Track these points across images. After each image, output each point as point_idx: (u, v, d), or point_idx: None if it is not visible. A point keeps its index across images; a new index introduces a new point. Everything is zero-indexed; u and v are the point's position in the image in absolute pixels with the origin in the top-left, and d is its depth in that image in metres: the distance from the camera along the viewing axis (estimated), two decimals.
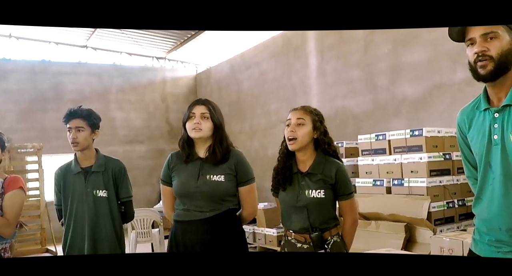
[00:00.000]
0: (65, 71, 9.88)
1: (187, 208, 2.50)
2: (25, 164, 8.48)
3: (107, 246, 2.82)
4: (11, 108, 9.27)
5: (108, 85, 10.23)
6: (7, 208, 2.71)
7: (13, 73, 9.43)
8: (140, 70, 10.72)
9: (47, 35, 9.84)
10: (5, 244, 2.73)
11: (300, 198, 2.41)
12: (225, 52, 9.99)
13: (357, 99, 6.57)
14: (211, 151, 2.51)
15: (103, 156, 2.94)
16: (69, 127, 2.81)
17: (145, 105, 10.53)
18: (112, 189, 2.87)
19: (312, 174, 2.42)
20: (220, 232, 2.47)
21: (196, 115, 2.50)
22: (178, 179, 2.55)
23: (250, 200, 2.59)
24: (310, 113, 2.46)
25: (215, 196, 2.48)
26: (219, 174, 2.49)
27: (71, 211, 2.84)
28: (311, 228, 2.39)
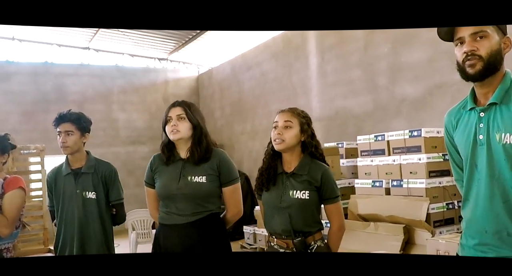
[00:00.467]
0: (68, 72, 9.91)
1: (169, 211, 2.49)
2: (28, 165, 8.52)
3: (95, 247, 2.82)
4: (14, 109, 9.32)
5: (110, 86, 10.25)
6: (6, 207, 2.75)
7: (16, 75, 9.48)
8: (142, 71, 10.73)
9: (50, 37, 9.87)
10: (7, 244, 2.78)
11: (284, 198, 2.37)
12: (227, 52, 9.98)
13: (358, 99, 6.54)
14: (191, 151, 2.50)
15: (93, 158, 2.95)
16: (59, 131, 2.83)
17: (147, 106, 10.54)
18: (101, 191, 2.88)
19: (297, 174, 2.38)
20: (203, 237, 2.45)
21: (173, 117, 2.51)
22: (160, 181, 2.55)
23: (234, 200, 2.58)
24: (298, 116, 2.42)
25: (197, 197, 2.46)
26: (200, 175, 2.48)
27: (62, 212, 2.86)
28: (293, 232, 2.34)
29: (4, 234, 2.75)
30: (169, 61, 11.17)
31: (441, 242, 3.71)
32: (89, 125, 2.93)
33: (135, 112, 10.40)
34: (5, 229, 2.74)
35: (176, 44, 10.28)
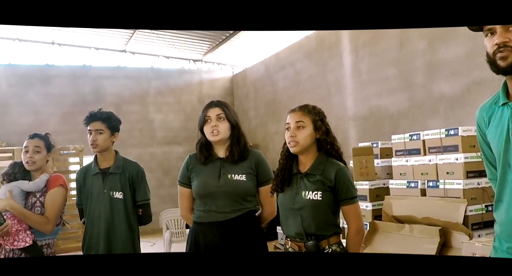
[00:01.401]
0: (105, 75, 10.13)
1: (208, 209, 2.49)
2: (67, 165, 8.75)
3: (121, 247, 2.85)
4: (54, 111, 9.59)
5: (146, 88, 10.41)
6: (48, 205, 2.84)
7: (56, 78, 9.75)
8: (177, 73, 10.85)
9: (88, 41, 10.11)
10: (47, 240, 2.86)
11: (297, 199, 2.29)
12: (260, 52, 9.97)
13: (393, 98, 6.39)
14: (231, 151, 2.51)
15: (122, 158, 2.99)
16: (89, 129, 2.89)
17: (183, 107, 10.65)
18: (128, 191, 2.91)
19: (311, 174, 2.29)
20: (242, 234, 2.45)
21: (212, 117, 2.51)
22: (199, 179, 2.54)
23: (270, 200, 2.57)
24: (309, 114, 2.33)
25: (236, 195, 2.47)
26: (240, 173, 2.49)
27: (90, 211, 2.91)
28: (305, 235, 2.25)
29: (47, 231, 2.83)
30: (204, 62, 11.25)
31: (477, 245, 3.56)
32: (119, 124, 2.98)
33: (171, 113, 10.53)
34: (48, 225, 2.82)
35: (210, 45, 10.35)
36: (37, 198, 2.85)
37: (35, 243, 2.78)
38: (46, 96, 9.59)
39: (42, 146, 2.89)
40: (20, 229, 2.75)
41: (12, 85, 9.40)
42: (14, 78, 9.44)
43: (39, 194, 2.86)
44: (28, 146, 2.86)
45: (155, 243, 7.53)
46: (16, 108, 9.35)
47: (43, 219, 2.81)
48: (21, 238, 2.74)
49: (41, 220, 2.80)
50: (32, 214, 2.80)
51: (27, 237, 2.76)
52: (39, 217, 2.81)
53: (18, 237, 2.74)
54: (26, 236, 2.76)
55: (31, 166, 2.86)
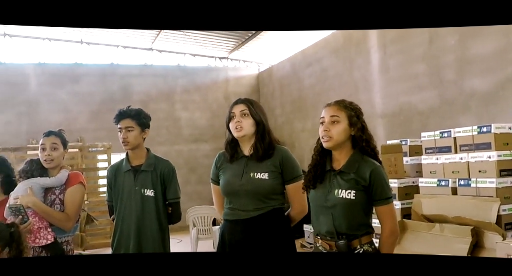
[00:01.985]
0: (133, 73, 10.23)
1: (232, 207, 2.51)
2: (96, 162, 8.88)
3: (151, 245, 2.85)
4: (83, 109, 9.74)
5: (173, 85, 10.48)
6: (68, 202, 2.84)
7: (85, 77, 9.90)
8: (204, 70, 10.89)
9: (115, 40, 10.23)
10: (67, 237, 2.86)
11: (329, 197, 2.23)
12: (286, 49, 9.91)
13: (422, 95, 6.26)
14: (255, 148, 2.49)
15: (153, 156, 2.98)
16: (120, 127, 2.89)
17: (209, 105, 10.68)
18: (159, 189, 2.90)
19: (345, 172, 2.23)
20: (266, 232, 2.43)
21: (236, 114, 2.51)
22: (224, 177, 2.56)
23: (298, 198, 2.52)
24: (345, 109, 2.25)
25: (258, 194, 2.45)
26: (263, 171, 2.46)
27: (120, 208, 2.91)
28: (336, 234, 2.19)
29: (68, 228, 2.84)
30: (230, 59, 11.26)
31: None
32: (149, 120, 2.97)
33: (197, 110, 10.57)
34: (68, 223, 2.82)
35: (236, 43, 10.34)
36: (56, 195, 2.85)
37: (56, 240, 2.78)
38: (75, 95, 9.74)
39: (58, 143, 2.88)
40: (41, 226, 2.75)
41: (42, 84, 9.57)
42: (44, 77, 9.62)
43: (58, 192, 2.85)
44: (45, 144, 2.84)
45: (182, 240, 7.56)
46: (46, 106, 9.53)
47: (64, 216, 2.80)
48: (42, 236, 2.74)
49: (62, 217, 2.79)
50: (54, 211, 2.80)
51: (48, 235, 2.75)
52: (60, 214, 2.81)
53: (40, 235, 2.73)
54: (47, 233, 2.75)
55: (49, 163, 2.84)
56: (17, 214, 2.69)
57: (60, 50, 10.11)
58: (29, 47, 9.90)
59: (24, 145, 8.72)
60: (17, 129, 9.28)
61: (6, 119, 9.24)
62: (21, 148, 8.11)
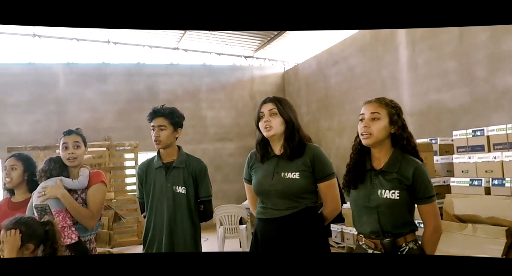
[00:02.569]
0: (158, 72, 10.30)
1: (265, 206, 2.50)
2: (123, 161, 8.98)
3: (183, 242, 2.84)
4: (110, 108, 9.85)
5: (198, 84, 10.51)
6: (91, 201, 2.84)
7: (112, 76, 10.01)
8: (229, 69, 10.90)
9: (141, 39, 10.32)
10: (90, 236, 2.87)
11: (372, 198, 2.21)
12: (312, 48, 9.85)
13: (453, 92, 6.14)
14: (285, 147, 2.47)
15: (185, 154, 2.98)
16: (152, 125, 2.89)
17: (234, 103, 10.69)
18: (191, 186, 2.89)
19: (387, 172, 2.20)
20: (298, 231, 2.40)
21: (265, 113, 2.48)
22: (255, 177, 2.55)
23: (331, 196, 2.50)
24: (386, 106, 2.23)
25: (290, 194, 2.42)
26: (293, 171, 2.43)
27: (152, 205, 2.90)
28: (382, 232, 2.18)
29: (91, 226, 2.84)
30: (255, 58, 11.25)
31: None
32: (182, 120, 2.97)
33: (223, 109, 10.58)
34: (91, 221, 2.83)
35: (261, 42, 10.33)
36: (78, 194, 2.85)
37: (80, 239, 2.78)
38: (102, 94, 9.86)
39: (80, 141, 2.88)
40: (65, 225, 2.74)
41: (71, 83, 9.72)
42: (72, 77, 9.77)
43: (80, 191, 2.86)
44: (67, 142, 2.84)
45: (208, 238, 7.58)
46: (74, 105, 9.67)
47: (89, 213, 2.80)
48: (66, 235, 2.73)
49: (87, 214, 2.79)
50: (80, 207, 2.80)
51: (72, 234, 2.75)
52: (86, 210, 2.80)
53: (64, 234, 2.72)
54: (71, 232, 2.75)
55: (72, 161, 2.84)
56: (42, 214, 2.70)
57: (88, 50, 10.26)
58: (57, 48, 10.07)
59: (53, 144, 8.85)
60: (47, 128, 9.44)
61: (36, 118, 9.41)
62: (51, 147, 8.23)
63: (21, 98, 9.37)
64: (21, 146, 8.04)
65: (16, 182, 2.97)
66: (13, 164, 2.98)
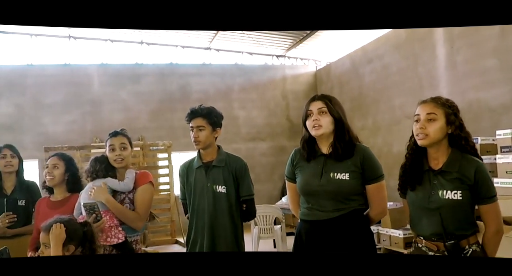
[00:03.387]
0: (191, 72, 10.35)
1: (310, 207, 2.42)
2: (156, 161, 9.05)
3: (224, 242, 2.81)
4: (143, 108, 9.95)
5: (230, 84, 10.51)
6: (139, 202, 2.84)
7: (145, 77, 10.11)
8: (261, 69, 10.87)
9: (174, 40, 10.39)
10: (136, 236, 2.87)
11: (433, 199, 2.14)
12: (345, 46, 9.73)
13: (494, 91, 5.96)
14: (334, 147, 2.39)
15: (225, 153, 2.94)
16: (191, 126, 2.86)
17: (266, 103, 10.65)
18: (232, 185, 2.85)
19: (447, 172, 2.13)
20: (346, 234, 2.33)
21: (314, 111, 2.40)
22: (301, 176, 2.47)
23: (379, 199, 2.42)
24: (443, 106, 2.16)
25: (339, 195, 2.35)
26: (343, 171, 2.36)
27: (193, 205, 2.88)
28: (444, 234, 2.10)
29: (139, 227, 2.86)
30: (287, 57, 11.20)
31: None
32: (221, 119, 2.92)
33: (255, 109, 10.55)
34: (139, 222, 2.84)
35: (293, 41, 10.27)
36: (125, 194, 2.85)
37: (127, 239, 2.78)
38: (135, 94, 9.97)
39: (126, 142, 2.90)
40: (112, 225, 2.75)
41: (105, 84, 9.86)
42: (106, 77, 9.91)
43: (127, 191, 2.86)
44: (114, 144, 2.86)
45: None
46: (108, 105, 9.80)
47: (136, 215, 2.81)
48: (113, 235, 2.74)
49: (134, 216, 2.81)
50: (126, 210, 2.81)
51: (119, 234, 2.75)
52: (133, 213, 2.82)
53: (111, 234, 2.73)
54: (118, 232, 2.75)
55: (120, 163, 2.86)
56: (91, 213, 2.70)
57: (121, 50, 10.39)
58: (92, 49, 10.23)
59: (88, 143, 9.00)
60: (82, 128, 9.60)
61: (72, 118, 9.58)
62: (86, 147, 8.36)
63: (57, 98, 9.55)
64: (57, 145, 8.19)
65: (57, 181, 3.00)
66: (55, 163, 3.01)
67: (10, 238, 3.22)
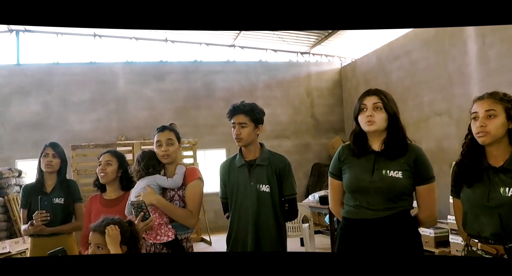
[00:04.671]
0: (215, 70, 10.33)
1: (358, 205, 2.33)
2: (181, 158, 9.04)
3: (269, 243, 2.75)
4: (168, 106, 9.97)
5: (255, 81, 10.47)
6: (189, 199, 2.78)
7: (169, 74, 10.13)
8: (285, 66, 10.79)
9: (198, 37, 10.39)
10: (187, 234, 2.81)
11: (493, 196, 2.04)
12: (371, 43, 9.60)
13: None
14: (387, 144, 2.31)
15: (267, 151, 2.87)
16: (233, 123, 2.80)
17: (291, 100, 10.58)
18: (275, 184, 2.78)
19: (509, 169, 2.04)
20: (395, 234, 2.25)
21: (368, 106, 2.31)
22: (350, 173, 2.38)
23: (429, 201, 2.35)
24: (501, 101, 2.07)
25: (391, 193, 2.27)
26: (396, 169, 2.27)
27: (236, 204, 2.82)
28: (504, 235, 2.00)
29: (192, 225, 2.80)
30: (312, 54, 11.10)
31: None
32: (262, 115, 2.87)
33: (279, 106, 10.47)
34: (193, 219, 2.78)
35: (318, 38, 10.18)
36: (175, 192, 2.80)
37: (177, 237, 2.73)
38: (160, 92, 9.99)
39: (173, 137, 2.85)
40: (162, 222, 2.71)
41: (130, 82, 9.91)
42: (131, 75, 9.96)
43: (177, 188, 2.81)
44: (161, 140, 2.81)
45: None
46: (133, 103, 9.85)
47: (188, 213, 2.76)
48: (163, 232, 2.70)
49: (186, 214, 2.75)
50: (178, 208, 2.76)
51: (169, 232, 2.71)
52: (184, 211, 2.76)
53: (161, 231, 2.70)
54: (168, 230, 2.71)
55: (166, 159, 2.79)
56: (139, 211, 2.65)
57: (146, 48, 10.43)
58: (117, 47, 10.30)
59: (114, 141, 9.06)
60: (108, 126, 9.67)
61: (98, 116, 9.65)
62: (112, 145, 8.39)
63: (82, 97, 9.63)
64: (84, 143, 8.26)
65: (110, 178, 2.98)
66: (108, 159, 2.99)
67: (48, 236, 3.24)
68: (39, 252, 3.23)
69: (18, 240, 6.50)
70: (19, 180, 8.11)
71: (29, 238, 3.40)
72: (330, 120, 10.68)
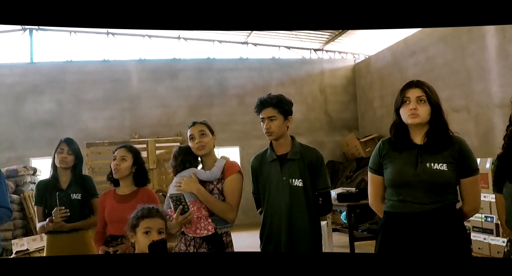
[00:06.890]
0: (228, 67, 10.29)
1: (403, 199, 2.27)
2: None
3: (304, 239, 2.70)
4: (181, 104, 9.94)
5: (268, 79, 10.41)
6: (228, 192, 2.75)
7: (183, 72, 10.10)
8: (298, 63, 10.74)
9: (211, 35, 10.37)
10: (226, 228, 2.78)
11: None
12: (385, 39, 9.51)
13: None
14: (430, 137, 2.25)
15: (299, 144, 2.83)
16: (262, 117, 2.76)
17: (304, 98, 10.50)
18: (308, 178, 2.73)
19: None
20: (442, 228, 2.20)
21: (411, 99, 2.26)
22: (393, 167, 2.33)
23: (474, 193, 2.30)
24: None
25: (436, 186, 2.22)
26: (441, 162, 2.22)
27: (268, 200, 2.77)
28: None
29: (231, 219, 2.75)
30: (325, 51, 11.04)
31: None
32: (291, 107, 2.84)
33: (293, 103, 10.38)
34: (232, 213, 2.74)
35: (331, 35, 10.12)
36: (214, 185, 2.77)
37: (216, 231, 2.69)
38: (173, 90, 9.97)
39: (205, 129, 2.82)
40: (201, 216, 2.67)
41: (143, 80, 9.90)
42: (144, 73, 9.94)
43: (216, 181, 2.77)
44: (193, 133, 2.79)
45: None
46: (147, 101, 9.84)
47: (227, 206, 2.72)
48: (203, 226, 2.66)
49: (225, 208, 2.71)
50: (217, 201, 2.72)
51: (209, 225, 2.67)
52: (224, 204, 2.72)
53: (200, 225, 2.66)
54: (208, 224, 2.67)
55: (201, 150, 2.76)
56: (178, 204, 2.62)
57: (159, 46, 10.41)
58: (130, 45, 10.29)
59: (127, 139, 9.04)
60: (121, 124, 9.66)
61: (111, 114, 9.65)
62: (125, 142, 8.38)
63: (96, 95, 9.64)
64: (99, 141, 8.25)
65: (124, 173, 2.96)
66: (123, 155, 2.98)
67: (68, 232, 3.20)
68: (57, 250, 3.20)
69: (36, 238, 6.51)
70: (34, 178, 8.14)
71: (45, 235, 3.36)
72: (344, 118, 10.59)
